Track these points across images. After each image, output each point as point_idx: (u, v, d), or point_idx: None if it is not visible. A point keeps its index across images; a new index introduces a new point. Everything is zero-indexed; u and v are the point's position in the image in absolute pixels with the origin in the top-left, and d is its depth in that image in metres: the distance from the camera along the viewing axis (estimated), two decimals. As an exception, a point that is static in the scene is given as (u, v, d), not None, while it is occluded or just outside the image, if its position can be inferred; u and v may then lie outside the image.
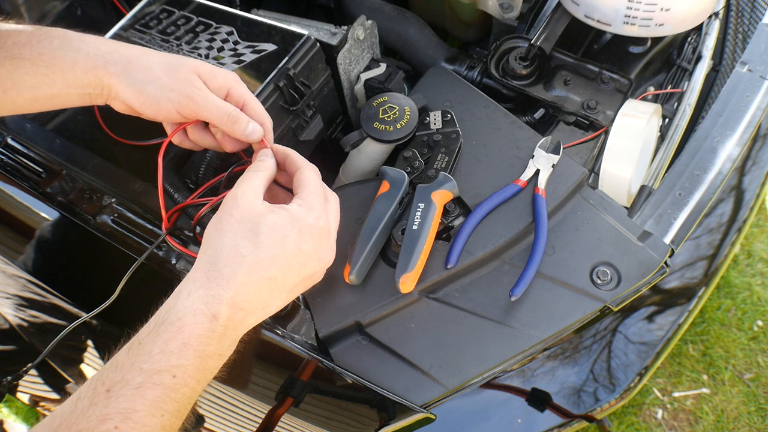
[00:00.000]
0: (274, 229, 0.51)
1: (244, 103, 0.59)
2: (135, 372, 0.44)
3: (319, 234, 0.54)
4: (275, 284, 0.51)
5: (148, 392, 0.44)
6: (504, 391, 0.82)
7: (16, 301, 0.89)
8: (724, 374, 1.42)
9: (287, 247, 0.51)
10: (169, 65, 0.55)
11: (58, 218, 0.82)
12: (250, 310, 0.50)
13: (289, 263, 0.52)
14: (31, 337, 0.92)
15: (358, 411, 0.69)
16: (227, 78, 0.58)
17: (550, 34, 0.87)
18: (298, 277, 0.53)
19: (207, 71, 0.57)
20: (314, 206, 0.54)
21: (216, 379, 0.51)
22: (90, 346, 0.88)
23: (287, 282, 0.53)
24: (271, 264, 0.51)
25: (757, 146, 1.06)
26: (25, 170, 0.82)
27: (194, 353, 0.46)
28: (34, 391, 1.05)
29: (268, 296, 0.52)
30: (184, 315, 0.47)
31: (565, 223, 0.71)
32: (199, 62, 0.57)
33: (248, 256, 0.50)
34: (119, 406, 0.43)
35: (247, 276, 0.50)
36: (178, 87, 0.54)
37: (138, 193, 0.76)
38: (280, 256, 0.51)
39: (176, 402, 0.45)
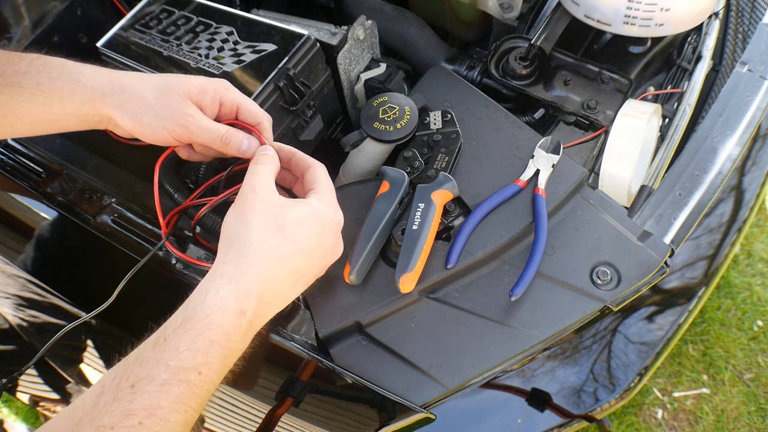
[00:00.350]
0: (300, 222, 0.53)
1: (238, 107, 0.60)
2: (161, 368, 0.44)
3: (337, 228, 0.57)
4: (299, 276, 0.54)
5: (173, 389, 0.44)
6: (504, 391, 0.82)
7: (17, 301, 0.89)
8: (724, 374, 1.42)
9: (311, 240, 0.53)
10: (162, 92, 0.56)
11: (58, 218, 0.82)
12: (273, 303, 0.52)
13: (312, 255, 0.54)
14: (30, 337, 0.92)
15: (358, 411, 0.69)
16: (216, 89, 0.58)
17: (550, 34, 0.87)
18: (317, 268, 0.56)
19: (196, 91, 0.57)
20: (332, 202, 0.57)
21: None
22: (90, 346, 0.88)
23: (308, 274, 0.55)
24: (297, 256, 0.52)
25: (757, 146, 1.06)
26: (25, 170, 0.82)
27: (220, 350, 0.47)
28: (34, 391, 1.05)
29: (291, 289, 0.54)
30: (213, 312, 0.47)
31: (565, 223, 0.71)
32: (188, 81, 0.58)
33: (277, 248, 0.51)
34: (144, 402, 0.43)
35: (275, 269, 0.51)
36: (172, 116, 0.56)
37: (138, 193, 0.76)
38: (306, 249, 0.53)
39: (199, 398, 0.46)
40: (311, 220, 0.54)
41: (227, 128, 0.58)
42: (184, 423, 0.45)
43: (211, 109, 0.58)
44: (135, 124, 0.56)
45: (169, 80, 0.57)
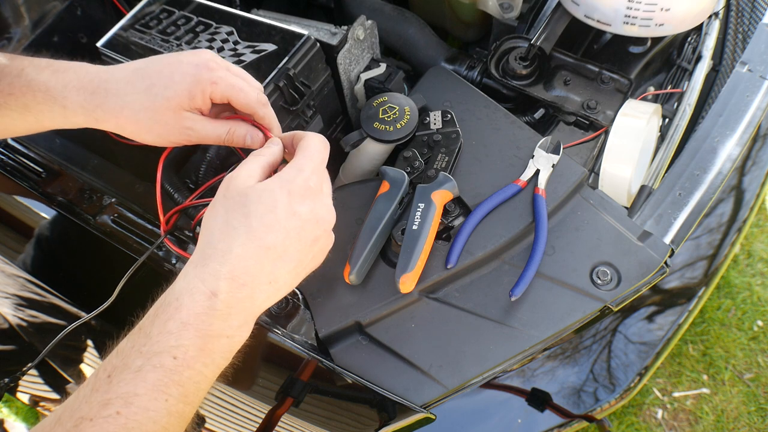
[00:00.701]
0: (262, 195, 0.50)
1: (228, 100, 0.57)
2: (135, 355, 0.43)
3: (311, 193, 0.52)
4: (276, 253, 0.49)
5: (148, 375, 0.43)
6: (504, 391, 0.82)
7: (17, 301, 0.89)
8: (724, 374, 1.42)
9: (278, 212, 0.49)
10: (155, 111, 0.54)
11: (58, 218, 0.82)
12: (254, 285, 0.48)
13: (285, 228, 0.50)
14: (30, 336, 0.92)
15: (358, 411, 0.69)
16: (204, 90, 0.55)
17: (550, 34, 0.87)
18: (299, 243, 0.51)
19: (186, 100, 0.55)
20: (304, 167, 0.52)
21: (216, 379, 0.51)
22: (90, 346, 0.88)
23: (289, 250, 0.50)
24: (266, 232, 0.49)
25: (757, 146, 1.06)
26: (25, 170, 0.82)
27: (195, 333, 0.45)
28: (34, 391, 1.05)
29: (272, 268, 0.50)
30: (181, 295, 0.46)
31: (565, 223, 0.71)
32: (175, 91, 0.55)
33: (240, 227, 0.49)
34: (120, 391, 0.42)
35: (243, 248, 0.48)
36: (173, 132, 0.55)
37: (138, 193, 0.76)
38: (273, 222, 0.49)
39: (180, 386, 0.44)
40: (276, 190, 0.50)
41: (227, 128, 0.57)
42: (167, 412, 0.43)
43: (204, 106, 0.57)
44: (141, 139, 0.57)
45: (157, 91, 0.54)
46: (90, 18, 1.03)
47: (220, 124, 0.57)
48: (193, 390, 0.45)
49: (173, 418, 0.44)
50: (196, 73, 0.55)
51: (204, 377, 0.46)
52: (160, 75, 0.55)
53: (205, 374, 0.46)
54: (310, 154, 0.54)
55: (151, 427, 0.42)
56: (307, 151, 0.54)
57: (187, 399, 0.45)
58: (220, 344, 0.47)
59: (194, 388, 0.45)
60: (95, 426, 0.41)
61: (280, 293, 0.52)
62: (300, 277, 0.54)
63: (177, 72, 0.55)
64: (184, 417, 0.45)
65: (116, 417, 0.41)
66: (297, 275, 0.53)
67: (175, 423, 0.44)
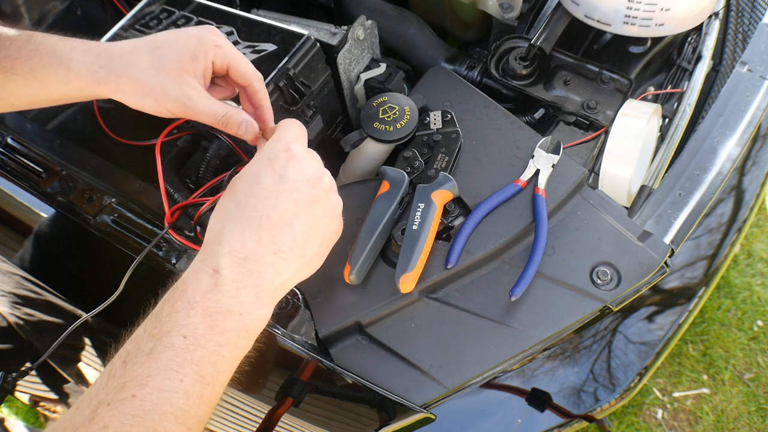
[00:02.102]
0: (247, 172, 0.51)
1: (228, 66, 0.58)
2: (146, 338, 0.44)
3: (294, 155, 0.52)
4: (272, 222, 0.49)
5: (160, 356, 0.43)
6: (504, 391, 0.82)
7: (16, 301, 0.89)
8: (724, 374, 1.42)
9: (263, 180, 0.50)
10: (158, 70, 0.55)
11: (57, 218, 0.82)
12: (257, 258, 0.48)
13: (274, 194, 0.50)
14: (30, 336, 0.92)
15: (358, 411, 0.69)
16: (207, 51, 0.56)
17: (550, 34, 0.87)
18: (295, 206, 0.50)
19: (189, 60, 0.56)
20: (282, 137, 0.53)
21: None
22: (89, 346, 0.88)
23: (285, 215, 0.50)
24: (256, 202, 0.49)
25: (757, 146, 1.06)
26: (25, 170, 0.82)
27: (202, 311, 0.45)
28: (34, 391, 1.05)
29: (272, 238, 0.49)
30: (186, 278, 0.47)
31: (565, 223, 0.71)
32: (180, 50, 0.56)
33: (230, 206, 0.50)
34: (134, 373, 0.42)
35: (235, 223, 0.48)
36: (171, 99, 0.55)
37: (138, 193, 0.76)
38: (261, 191, 0.49)
39: (194, 364, 0.43)
40: (257, 163, 0.51)
41: (225, 111, 0.56)
42: (184, 393, 0.43)
43: (206, 72, 0.57)
44: (136, 105, 0.56)
45: (162, 53, 0.55)
46: (90, 18, 1.03)
47: (218, 104, 0.57)
48: (210, 370, 0.44)
49: (192, 399, 0.43)
50: (200, 35, 0.56)
51: (221, 357, 0.45)
52: (166, 38, 0.56)
53: (221, 354, 0.45)
54: (286, 128, 0.55)
55: (167, 407, 0.42)
56: (283, 128, 0.55)
57: (205, 380, 0.44)
58: (232, 321, 0.46)
59: (211, 368, 0.44)
60: (112, 410, 0.41)
61: (291, 265, 0.51)
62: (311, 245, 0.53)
63: (182, 35, 0.56)
64: (204, 398, 0.44)
65: (132, 399, 0.41)
66: (306, 242, 0.52)
67: (194, 404, 0.43)
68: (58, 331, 0.64)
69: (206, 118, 0.56)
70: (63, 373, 0.93)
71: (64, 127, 0.90)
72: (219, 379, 0.46)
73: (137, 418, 0.41)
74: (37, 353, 0.96)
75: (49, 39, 0.56)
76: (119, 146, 0.81)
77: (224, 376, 0.46)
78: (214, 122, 0.56)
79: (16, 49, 0.55)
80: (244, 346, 0.48)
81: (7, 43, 0.56)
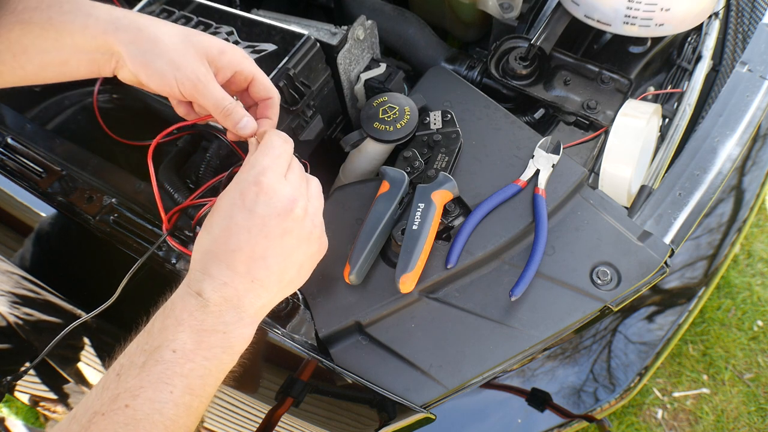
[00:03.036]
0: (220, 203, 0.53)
1: (253, 78, 0.59)
2: (139, 353, 0.47)
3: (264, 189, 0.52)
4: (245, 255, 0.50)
5: (152, 369, 0.46)
6: (504, 391, 0.82)
7: (16, 301, 0.89)
8: (724, 374, 1.42)
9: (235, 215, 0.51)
10: (181, 41, 0.54)
11: (58, 218, 0.82)
12: (237, 285, 0.50)
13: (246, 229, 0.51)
14: (29, 335, 0.92)
15: (358, 411, 0.69)
16: (235, 54, 0.57)
17: (550, 34, 0.87)
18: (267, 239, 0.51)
19: (216, 51, 0.56)
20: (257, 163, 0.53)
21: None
22: (89, 346, 0.88)
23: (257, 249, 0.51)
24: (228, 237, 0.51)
25: (757, 146, 1.06)
26: (25, 170, 0.82)
27: (189, 328, 0.48)
28: (34, 391, 1.05)
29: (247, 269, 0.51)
30: (174, 299, 0.50)
31: (565, 223, 0.71)
32: (209, 40, 0.56)
33: (205, 240, 0.52)
34: (127, 385, 0.45)
35: (211, 255, 0.51)
36: (185, 68, 0.54)
37: (138, 193, 0.76)
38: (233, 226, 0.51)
39: (184, 377, 0.46)
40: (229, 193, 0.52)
41: (231, 101, 0.56)
42: (174, 404, 0.46)
43: (223, 72, 0.57)
44: (144, 67, 0.54)
45: (189, 32, 0.55)
46: (90, 18, 1.03)
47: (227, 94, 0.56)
48: (198, 383, 0.47)
49: (181, 409, 0.46)
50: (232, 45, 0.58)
51: (207, 371, 0.48)
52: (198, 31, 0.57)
53: (207, 368, 0.48)
54: (264, 150, 0.54)
55: (157, 417, 0.45)
56: (262, 147, 0.55)
57: (193, 392, 0.47)
58: (217, 339, 0.49)
59: (199, 381, 0.48)
60: (106, 419, 0.44)
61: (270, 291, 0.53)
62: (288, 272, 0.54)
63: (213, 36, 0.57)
64: (192, 409, 0.47)
65: (125, 410, 0.44)
66: (282, 270, 0.53)
67: (183, 414, 0.46)
68: (57, 330, 0.64)
69: (210, 102, 0.55)
70: (63, 373, 0.93)
71: (64, 127, 0.90)
72: (206, 391, 0.49)
73: (130, 426, 0.44)
74: (36, 353, 0.96)
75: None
76: (119, 146, 0.81)
77: (211, 389, 0.49)
78: (216, 108, 0.55)
79: (37, 0, 0.54)
80: (229, 362, 0.51)
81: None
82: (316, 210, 0.56)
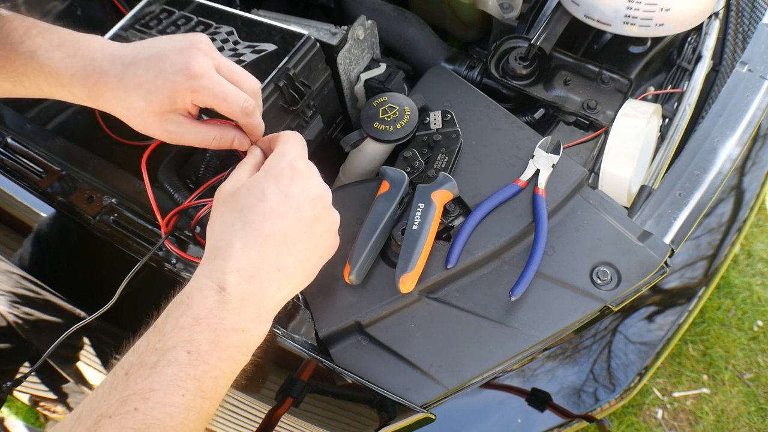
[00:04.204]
0: (251, 188, 0.51)
1: (212, 106, 0.56)
2: (150, 352, 0.44)
3: (299, 174, 0.52)
4: (277, 239, 0.50)
5: (164, 371, 0.43)
6: (504, 391, 0.82)
7: (16, 300, 0.89)
8: (724, 374, 1.42)
9: (269, 199, 0.50)
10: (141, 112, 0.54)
11: (57, 218, 0.82)
12: (262, 275, 0.49)
13: (279, 213, 0.50)
14: (28, 335, 0.92)
15: (358, 411, 0.69)
16: (185, 99, 0.54)
17: (550, 34, 0.87)
18: (299, 224, 0.51)
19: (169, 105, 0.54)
20: (286, 152, 0.53)
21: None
22: (89, 346, 0.88)
23: (289, 233, 0.50)
24: (262, 220, 0.49)
25: (757, 146, 1.06)
26: (25, 170, 0.82)
27: (207, 327, 0.45)
28: (34, 391, 1.05)
29: (277, 254, 0.50)
30: (191, 292, 0.47)
31: (565, 223, 0.71)
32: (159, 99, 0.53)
33: (236, 223, 0.50)
34: (137, 387, 0.43)
35: (243, 241, 0.49)
36: (158, 132, 0.55)
37: (138, 193, 0.76)
38: (266, 210, 0.50)
39: (196, 380, 0.44)
40: (263, 179, 0.51)
41: (214, 135, 0.57)
42: (185, 407, 0.43)
43: (192, 109, 0.56)
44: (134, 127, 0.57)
45: (142, 95, 0.53)
46: (90, 18, 1.03)
47: (206, 129, 0.57)
48: (210, 385, 0.45)
49: (192, 414, 0.44)
50: (176, 80, 0.53)
51: (221, 372, 0.46)
52: (147, 75, 0.53)
53: (222, 369, 0.46)
54: (289, 142, 0.55)
55: (168, 422, 0.43)
56: (285, 142, 0.55)
57: (205, 394, 0.45)
58: (235, 338, 0.47)
59: (212, 383, 0.46)
60: (114, 423, 0.41)
61: (292, 281, 0.52)
62: (311, 261, 0.54)
63: (159, 77, 0.53)
64: (203, 412, 0.45)
65: (134, 413, 0.42)
66: (307, 258, 0.53)
67: (194, 418, 0.44)
68: (57, 330, 0.64)
69: (196, 144, 0.57)
70: (63, 372, 0.93)
71: (64, 127, 0.90)
72: (218, 393, 0.47)
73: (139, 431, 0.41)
74: (36, 352, 0.96)
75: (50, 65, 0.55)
76: (119, 146, 0.81)
77: (222, 390, 0.47)
78: (205, 145, 0.57)
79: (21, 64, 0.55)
80: (243, 362, 0.49)
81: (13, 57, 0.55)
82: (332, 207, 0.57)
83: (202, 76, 0.53)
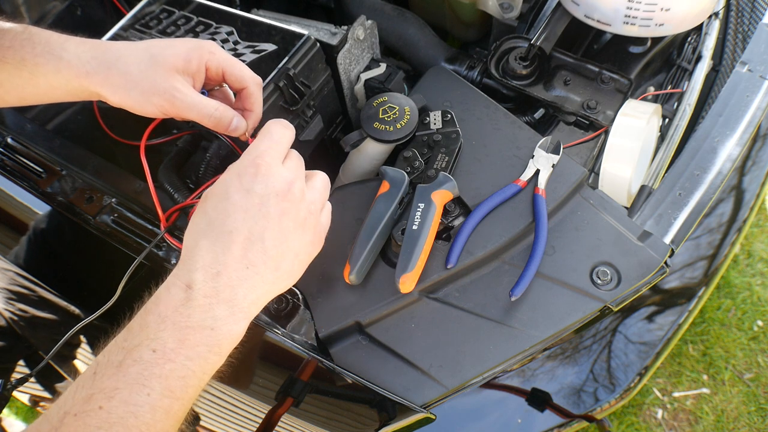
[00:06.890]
0: (216, 188, 0.51)
1: (223, 72, 0.58)
2: (116, 351, 0.44)
3: (262, 169, 0.51)
4: (243, 236, 0.49)
5: (129, 369, 0.43)
6: (504, 390, 0.82)
7: (15, 300, 0.89)
8: (724, 374, 1.42)
9: (232, 195, 0.50)
10: (147, 65, 0.55)
11: (57, 218, 0.82)
12: (230, 273, 0.48)
13: (242, 209, 0.49)
14: (27, 333, 0.92)
15: (358, 411, 0.69)
16: (201, 55, 0.57)
17: (550, 34, 0.87)
18: (265, 219, 0.50)
19: (182, 62, 0.56)
20: (256, 146, 0.52)
21: (215, 379, 0.50)
22: (88, 345, 0.88)
23: (255, 229, 0.49)
24: (225, 218, 0.49)
25: (757, 146, 1.06)
26: (25, 170, 0.82)
27: (173, 325, 0.45)
28: (33, 391, 1.05)
29: (244, 252, 0.49)
30: (159, 292, 0.47)
31: (565, 223, 0.71)
32: (173, 52, 0.56)
33: (201, 222, 0.50)
34: (102, 385, 0.42)
35: (207, 239, 0.48)
36: (159, 91, 0.55)
37: (138, 193, 0.76)
38: (229, 207, 0.49)
39: (163, 379, 0.43)
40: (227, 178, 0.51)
41: (217, 106, 0.56)
42: (151, 407, 0.43)
43: (198, 77, 0.57)
44: (123, 99, 0.56)
45: (154, 51, 0.56)
46: (90, 18, 1.03)
47: (209, 100, 0.57)
48: (178, 385, 0.44)
49: (158, 414, 0.43)
50: (196, 41, 0.58)
51: (190, 371, 0.45)
52: (161, 41, 0.57)
53: (190, 368, 0.45)
54: (262, 136, 0.54)
55: (132, 420, 0.42)
56: (261, 135, 0.54)
57: (173, 394, 0.44)
58: (203, 336, 0.46)
59: (180, 383, 0.44)
60: (78, 420, 0.41)
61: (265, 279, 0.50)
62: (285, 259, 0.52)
63: (178, 41, 0.58)
64: (172, 413, 0.44)
65: (98, 411, 0.41)
66: (280, 256, 0.51)
67: (161, 418, 0.43)
68: (56, 329, 0.64)
69: (195, 113, 0.56)
70: (62, 372, 0.93)
71: (64, 127, 0.90)
72: (188, 394, 0.45)
73: (102, 430, 0.41)
74: (33, 350, 0.96)
75: (43, 32, 0.57)
76: (119, 146, 0.81)
77: (193, 391, 0.46)
78: (203, 118, 0.56)
79: (9, 39, 0.56)
80: (215, 362, 0.47)
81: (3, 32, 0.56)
82: (315, 200, 0.55)
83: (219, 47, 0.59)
